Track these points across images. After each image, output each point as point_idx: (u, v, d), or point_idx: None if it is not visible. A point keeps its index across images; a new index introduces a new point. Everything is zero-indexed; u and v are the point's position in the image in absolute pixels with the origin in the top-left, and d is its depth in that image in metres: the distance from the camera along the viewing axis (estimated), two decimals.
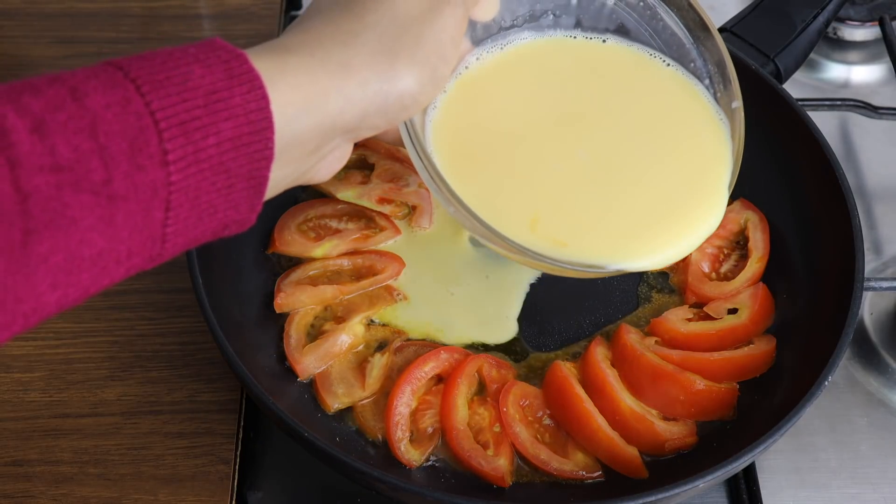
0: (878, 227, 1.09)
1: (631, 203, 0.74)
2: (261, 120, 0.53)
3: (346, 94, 0.57)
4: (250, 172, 0.53)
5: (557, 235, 0.70)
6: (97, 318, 0.99)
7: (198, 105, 0.50)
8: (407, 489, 0.74)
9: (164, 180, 0.49)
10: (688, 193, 0.75)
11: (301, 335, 0.90)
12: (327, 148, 0.60)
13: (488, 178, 0.74)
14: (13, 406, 0.92)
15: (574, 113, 0.77)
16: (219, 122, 0.51)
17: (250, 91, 0.52)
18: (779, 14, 1.03)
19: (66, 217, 0.46)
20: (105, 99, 0.48)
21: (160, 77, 0.50)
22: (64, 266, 0.47)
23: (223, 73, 0.52)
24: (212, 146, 0.51)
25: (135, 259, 0.51)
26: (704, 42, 0.79)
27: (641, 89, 0.80)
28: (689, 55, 0.80)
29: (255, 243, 0.96)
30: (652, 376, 0.86)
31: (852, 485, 0.90)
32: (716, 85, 0.80)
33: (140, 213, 0.49)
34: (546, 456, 0.83)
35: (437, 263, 0.95)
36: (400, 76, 0.59)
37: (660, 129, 0.77)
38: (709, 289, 0.93)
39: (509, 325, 0.92)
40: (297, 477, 0.90)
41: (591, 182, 0.74)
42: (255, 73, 0.53)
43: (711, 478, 0.73)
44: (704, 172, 0.76)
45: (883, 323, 1.00)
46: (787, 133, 0.96)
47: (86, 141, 0.47)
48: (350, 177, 1.00)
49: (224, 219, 0.54)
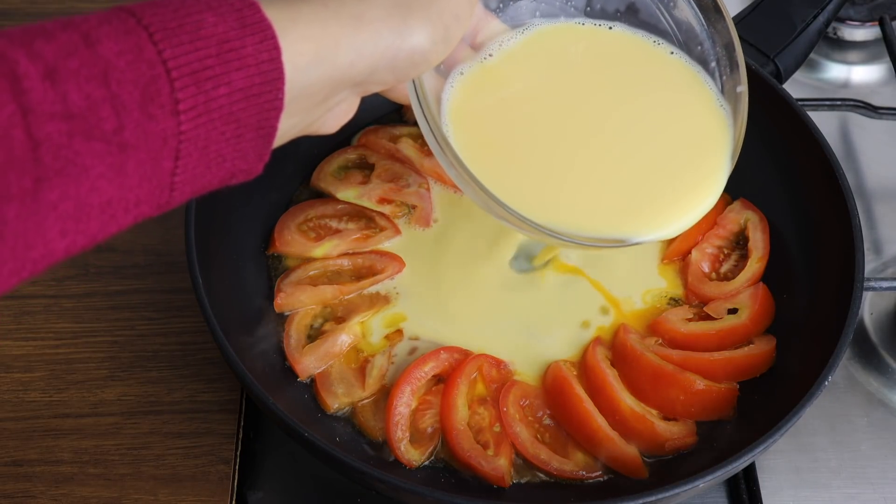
0: (878, 227, 1.09)
1: (639, 182, 0.76)
2: (272, 70, 0.52)
3: (357, 47, 0.57)
4: (259, 122, 0.54)
5: (565, 212, 0.73)
6: (97, 318, 0.99)
7: (210, 55, 0.50)
8: (407, 489, 0.74)
9: (175, 130, 0.49)
10: (691, 173, 0.77)
11: (301, 335, 0.90)
12: (335, 100, 0.60)
13: (501, 155, 0.75)
14: (13, 406, 0.92)
15: (583, 99, 0.78)
16: (230, 72, 0.51)
17: (262, 41, 0.52)
18: (779, 14, 1.03)
19: (77, 165, 0.47)
20: (118, 46, 0.48)
21: (172, 25, 0.50)
22: (73, 213, 0.48)
23: (235, 22, 0.51)
24: (223, 96, 0.51)
25: (143, 207, 0.51)
26: (715, 24, 0.79)
27: (647, 76, 0.81)
28: (699, 37, 0.80)
29: (255, 243, 0.96)
30: (652, 376, 0.86)
31: (852, 485, 0.90)
32: (722, 68, 0.80)
33: (149, 162, 0.49)
34: (546, 456, 0.83)
35: (437, 263, 0.95)
36: (412, 32, 0.59)
37: (665, 114, 0.79)
38: (709, 289, 0.93)
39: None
40: (297, 477, 0.90)
41: (602, 162, 0.76)
42: (267, 23, 0.52)
43: (711, 478, 0.73)
44: (706, 154, 0.78)
45: (883, 323, 1.00)
46: (787, 133, 0.96)
47: (98, 89, 0.47)
48: (350, 177, 1.00)
49: (232, 168, 0.54)
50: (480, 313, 0.92)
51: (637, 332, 0.90)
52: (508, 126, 0.77)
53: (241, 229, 0.95)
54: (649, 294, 0.94)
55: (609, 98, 0.79)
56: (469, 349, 0.89)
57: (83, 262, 1.02)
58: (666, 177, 0.77)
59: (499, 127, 0.76)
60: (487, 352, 0.89)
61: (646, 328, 0.91)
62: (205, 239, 0.85)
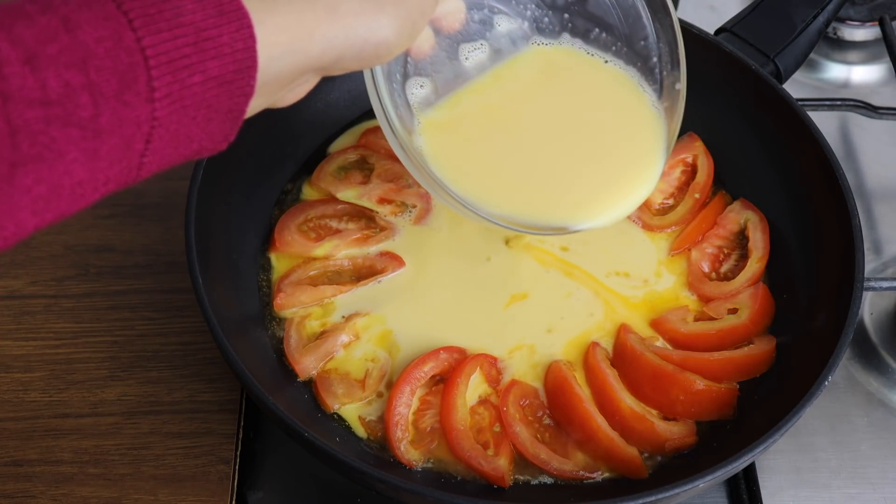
0: (878, 227, 1.09)
1: (578, 177, 0.82)
2: (246, 59, 0.54)
3: (329, 39, 0.59)
4: (230, 107, 0.55)
5: (507, 201, 0.79)
6: (97, 318, 0.99)
7: (188, 43, 0.51)
8: (407, 489, 0.74)
9: (149, 116, 0.50)
10: (626, 168, 0.82)
11: (301, 335, 0.90)
12: (298, 82, 0.62)
13: (456, 147, 0.80)
14: (13, 406, 0.92)
15: (529, 106, 0.84)
16: (206, 61, 0.52)
17: (239, 30, 0.53)
18: (779, 14, 1.03)
19: (53, 151, 0.47)
20: (97, 32, 0.48)
21: (152, 11, 0.50)
22: (45, 195, 0.49)
23: (213, 10, 0.52)
24: (197, 84, 0.52)
25: (110, 185, 0.52)
26: (661, 21, 0.82)
27: (586, 84, 0.85)
28: (644, 31, 0.83)
29: (255, 243, 0.96)
30: (652, 376, 0.86)
31: (852, 485, 0.90)
32: (663, 64, 0.83)
33: (122, 147, 0.50)
34: (546, 456, 0.83)
35: (437, 263, 0.95)
36: (382, 26, 0.61)
37: (602, 117, 0.85)
38: (709, 289, 0.93)
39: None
40: (297, 477, 0.90)
41: (544, 160, 0.82)
42: (244, 11, 0.54)
43: (711, 478, 0.73)
44: (639, 151, 0.83)
45: (883, 323, 1.00)
46: (787, 133, 0.96)
47: (76, 76, 0.47)
48: (350, 177, 1.00)
49: (199, 147, 0.55)
50: (480, 313, 0.92)
51: (637, 332, 0.90)
52: (465, 125, 0.81)
53: (240, 229, 0.95)
54: (652, 289, 0.94)
55: (552, 106, 0.84)
56: (469, 349, 0.89)
57: (83, 262, 1.02)
58: (602, 172, 0.82)
59: (457, 125, 0.81)
60: (487, 351, 0.89)
61: (648, 325, 0.91)
62: (205, 239, 0.85)
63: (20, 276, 1.01)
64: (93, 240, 1.04)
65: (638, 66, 0.84)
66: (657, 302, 0.93)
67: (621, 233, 0.98)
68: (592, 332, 0.91)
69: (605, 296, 0.93)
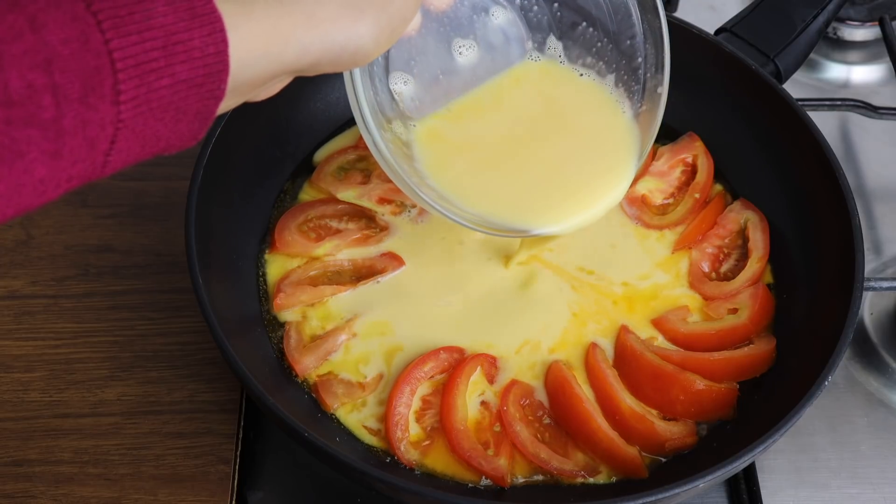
0: (878, 227, 1.09)
1: (556, 184, 0.84)
2: (217, 63, 0.53)
3: (304, 44, 0.58)
4: (199, 109, 0.54)
5: (475, 204, 0.82)
6: (97, 318, 0.99)
7: (156, 46, 0.50)
8: (407, 489, 0.74)
9: (114, 118, 0.50)
10: (600, 177, 0.84)
11: (301, 335, 0.90)
12: (272, 83, 0.62)
13: (435, 151, 0.82)
14: (13, 406, 0.92)
15: (508, 119, 0.86)
16: (175, 65, 0.51)
17: (210, 34, 0.52)
18: (779, 14, 1.03)
19: (13, 151, 0.47)
20: (64, 33, 0.48)
21: (122, 13, 0.49)
22: (5, 192, 0.48)
23: (186, 13, 0.52)
24: (164, 87, 0.51)
25: (74, 181, 0.52)
26: (651, 22, 0.82)
27: (563, 98, 0.87)
28: (632, 29, 0.82)
29: (255, 243, 0.96)
30: (652, 376, 0.86)
31: (852, 485, 0.90)
32: (648, 66, 0.83)
33: (85, 147, 0.50)
34: (546, 455, 0.83)
35: (437, 263, 0.95)
36: (360, 35, 0.60)
37: (578, 128, 0.86)
38: (709, 289, 0.93)
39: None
40: (297, 477, 0.90)
41: (519, 169, 0.84)
42: (216, 15, 0.53)
43: (711, 478, 0.73)
44: (613, 162, 0.85)
45: (883, 323, 1.00)
46: (787, 133, 0.96)
47: (40, 76, 0.47)
48: (350, 177, 1.00)
49: (166, 145, 0.55)
50: (480, 313, 0.92)
51: (637, 333, 0.90)
52: (445, 131, 0.83)
53: (240, 229, 0.95)
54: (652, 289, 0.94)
55: (529, 118, 0.85)
56: (468, 349, 0.89)
57: (83, 262, 1.02)
58: (570, 181, 0.84)
59: (439, 129, 0.83)
60: (487, 351, 0.89)
61: (648, 324, 0.91)
62: (205, 239, 0.85)
63: (20, 276, 1.01)
64: (93, 240, 1.04)
65: (622, 66, 0.84)
66: (657, 301, 0.93)
67: (621, 233, 0.98)
68: (592, 332, 0.91)
69: (604, 295, 0.93)
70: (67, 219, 1.05)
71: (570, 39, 0.86)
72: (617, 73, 0.85)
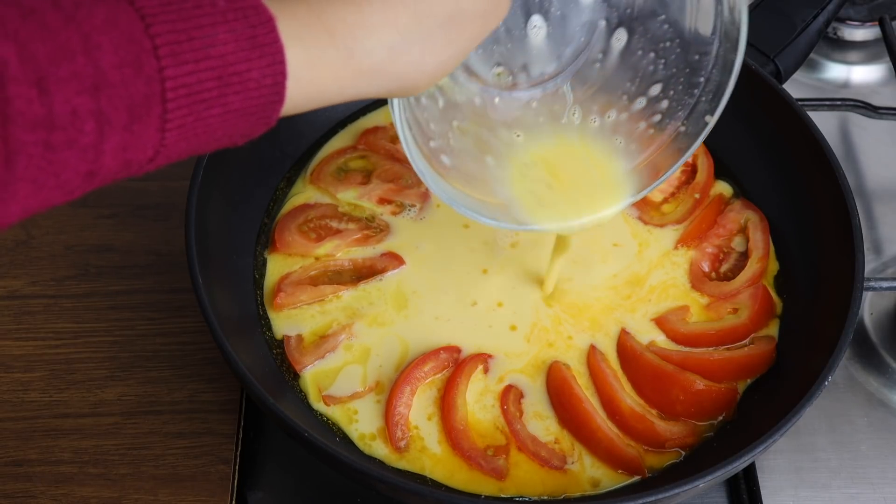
0: (878, 227, 1.09)
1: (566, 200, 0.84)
2: (272, 94, 0.51)
3: (361, 91, 0.57)
4: (245, 133, 0.53)
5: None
6: (97, 318, 0.99)
7: (212, 77, 0.48)
8: (407, 489, 0.74)
9: (156, 143, 0.49)
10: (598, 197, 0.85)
11: (301, 334, 0.90)
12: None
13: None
14: (13, 406, 0.92)
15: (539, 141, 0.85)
16: (228, 95, 0.49)
17: (270, 65, 0.51)
18: (779, 14, 1.03)
19: (48, 173, 0.46)
20: (118, 57, 0.45)
21: (182, 38, 0.47)
22: (34, 208, 0.47)
23: (247, 42, 0.49)
24: (214, 117, 0.50)
25: (101, 185, 0.50)
26: (728, 53, 0.78)
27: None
28: (707, 47, 0.79)
29: (255, 243, 0.96)
30: (652, 376, 0.86)
31: (852, 485, 0.90)
32: (706, 87, 0.80)
33: (121, 167, 0.48)
34: (546, 454, 0.83)
35: (437, 263, 0.95)
36: (415, 81, 0.59)
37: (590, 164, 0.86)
38: (709, 289, 0.93)
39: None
40: (297, 477, 0.90)
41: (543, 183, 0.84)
42: (279, 45, 0.51)
43: (711, 478, 0.73)
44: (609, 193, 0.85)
45: (883, 323, 1.00)
46: (787, 133, 0.96)
47: (86, 101, 0.45)
48: (350, 177, 1.00)
49: (204, 155, 0.55)
50: (481, 312, 0.92)
51: (636, 334, 0.90)
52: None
53: (240, 229, 0.95)
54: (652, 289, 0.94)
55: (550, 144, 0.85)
56: (468, 348, 0.89)
57: (83, 262, 1.02)
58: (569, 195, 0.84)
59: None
60: (487, 351, 0.89)
61: (648, 323, 0.91)
62: (205, 239, 0.85)
63: (20, 276, 1.01)
64: (93, 240, 1.04)
65: (683, 73, 0.81)
66: (657, 301, 0.93)
67: (621, 232, 0.98)
68: (592, 332, 0.91)
69: (604, 295, 0.93)
70: (67, 219, 1.05)
71: (642, 26, 0.82)
72: (670, 81, 0.82)
